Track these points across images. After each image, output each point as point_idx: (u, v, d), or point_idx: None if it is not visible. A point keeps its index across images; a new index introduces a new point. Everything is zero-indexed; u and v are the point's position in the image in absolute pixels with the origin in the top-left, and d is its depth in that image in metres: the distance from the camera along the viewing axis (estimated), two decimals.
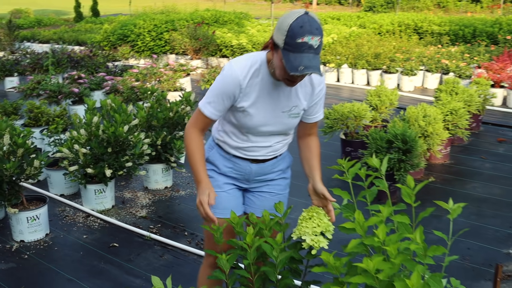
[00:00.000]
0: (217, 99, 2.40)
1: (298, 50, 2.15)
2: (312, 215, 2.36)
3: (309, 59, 2.15)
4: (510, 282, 3.72)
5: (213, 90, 2.42)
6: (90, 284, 3.81)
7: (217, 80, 2.41)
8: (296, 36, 2.13)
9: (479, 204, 5.06)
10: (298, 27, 2.13)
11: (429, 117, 5.55)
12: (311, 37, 2.14)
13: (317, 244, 2.30)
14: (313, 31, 2.14)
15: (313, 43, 2.15)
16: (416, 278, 2.14)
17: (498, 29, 13.44)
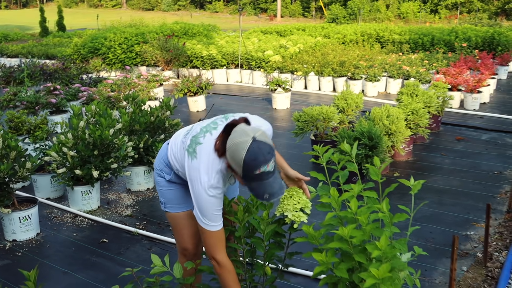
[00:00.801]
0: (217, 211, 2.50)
1: (258, 180, 2.32)
2: (292, 194, 2.70)
3: (270, 185, 2.35)
4: (467, 258, 4.14)
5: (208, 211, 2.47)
6: (85, 275, 4.08)
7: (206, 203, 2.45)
8: (253, 170, 2.28)
9: (440, 194, 5.51)
10: (252, 161, 2.27)
11: (392, 117, 5.99)
12: (266, 166, 2.29)
13: (298, 219, 2.65)
14: (266, 158, 2.28)
15: (269, 169, 2.31)
16: (384, 240, 2.51)
17: (454, 37, 14.16)
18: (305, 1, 58.18)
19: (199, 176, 2.44)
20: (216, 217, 2.49)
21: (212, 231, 2.51)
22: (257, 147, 2.28)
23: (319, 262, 2.66)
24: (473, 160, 6.62)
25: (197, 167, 2.46)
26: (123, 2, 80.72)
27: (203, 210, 2.47)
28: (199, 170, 2.44)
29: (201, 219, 2.50)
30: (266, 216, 2.68)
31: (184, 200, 2.87)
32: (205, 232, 2.53)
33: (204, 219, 2.49)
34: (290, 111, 9.55)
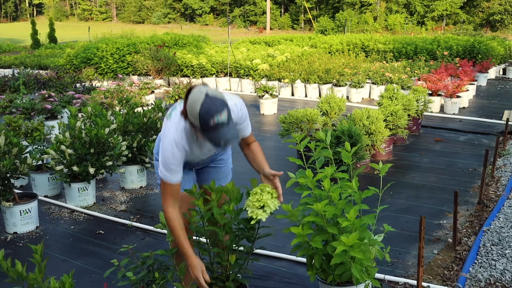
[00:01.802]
0: (175, 166, 2.83)
1: (213, 130, 2.61)
2: (257, 191, 2.88)
3: (225, 133, 2.62)
4: (439, 243, 4.48)
5: (168, 162, 2.80)
6: (83, 261, 4.36)
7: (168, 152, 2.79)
8: (208, 121, 2.58)
9: (417, 189, 5.86)
10: (206, 113, 2.57)
11: (372, 117, 6.35)
12: (219, 115, 2.58)
13: (255, 216, 2.83)
14: (218, 109, 2.58)
15: (223, 119, 2.59)
16: (353, 213, 2.86)
17: (436, 46, 14.63)
18: (294, 13, 58.96)
19: (168, 132, 2.83)
20: (173, 170, 2.82)
21: (167, 183, 2.85)
22: (210, 101, 2.60)
23: (297, 235, 2.99)
24: (450, 159, 6.98)
25: (169, 125, 2.86)
26: (113, 15, 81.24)
27: (165, 161, 2.81)
28: (169, 128, 2.84)
29: (162, 171, 2.84)
30: (229, 208, 2.90)
31: None
32: (162, 184, 2.89)
33: (164, 170, 2.83)
34: (277, 116, 9.90)
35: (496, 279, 3.68)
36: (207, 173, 3.39)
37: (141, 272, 3.02)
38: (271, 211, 2.82)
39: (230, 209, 2.84)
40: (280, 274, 4.01)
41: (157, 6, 71.20)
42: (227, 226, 2.89)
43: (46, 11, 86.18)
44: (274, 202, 2.82)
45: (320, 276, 3.16)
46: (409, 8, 49.85)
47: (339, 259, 2.85)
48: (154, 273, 3.00)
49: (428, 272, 3.95)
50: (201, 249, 3.03)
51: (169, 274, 3.03)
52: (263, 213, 2.78)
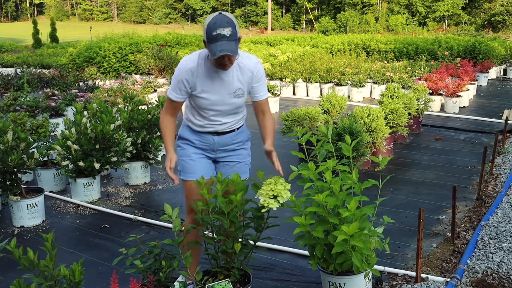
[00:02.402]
0: (178, 85, 3.13)
1: (214, 41, 2.87)
2: (271, 182, 3.03)
3: (222, 45, 2.86)
4: (438, 237, 4.57)
5: (174, 80, 3.15)
6: (90, 254, 4.46)
7: (176, 71, 3.14)
8: (211, 31, 2.87)
9: (417, 186, 5.95)
10: (212, 24, 2.88)
11: (372, 115, 6.44)
12: (222, 29, 2.86)
13: (267, 204, 2.96)
14: (224, 24, 2.87)
15: (225, 33, 2.86)
16: (353, 203, 2.95)
17: (437, 46, 14.73)
18: (296, 14, 59.09)
19: (182, 59, 3.18)
20: (175, 88, 3.16)
21: (168, 97, 3.23)
22: (220, 16, 2.92)
23: (299, 225, 3.09)
24: (450, 156, 7.08)
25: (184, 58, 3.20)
26: (114, 15, 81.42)
27: (173, 77, 3.17)
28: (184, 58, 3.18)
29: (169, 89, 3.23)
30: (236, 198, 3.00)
31: (194, 170, 3.30)
32: (166, 96, 3.29)
33: (170, 88, 3.20)
34: (278, 115, 9.99)
35: (493, 270, 3.77)
36: (224, 167, 3.45)
37: (148, 261, 3.12)
38: (283, 202, 2.91)
39: (237, 198, 2.94)
40: (282, 266, 4.10)
41: (158, 6, 71.37)
42: (232, 215, 2.99)
43: (47, 11, 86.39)
44: (287, 193, 2.95)
45: (322, 265, 3.26)
46: (411, 9, 49.96)
47: (340, 248, 2.95)
48: (161, 262, 3.10)
49: (427, 264, 4.05)
50: (206, 238, 3.13)
51: (175, 262, 3.12)
52: (274, 202, 2.90)
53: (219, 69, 3.07)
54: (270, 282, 3.85)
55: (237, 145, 3.45)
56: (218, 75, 3.12)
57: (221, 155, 3.42)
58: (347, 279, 3.22)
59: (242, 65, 3.17)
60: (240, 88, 3.20)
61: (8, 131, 4.89)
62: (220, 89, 3.15)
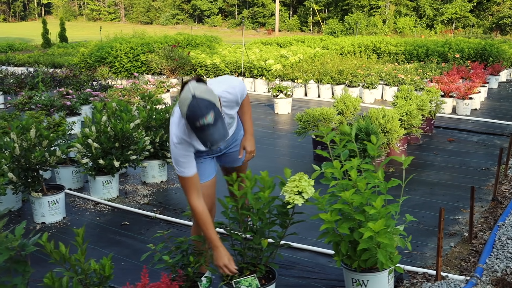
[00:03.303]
0: (184, 160, 2.99)
1: (200, 131, 2.71)
2: (295, 179, 3.10)
3: (211, 135, 2.70)
4: (455, 237, 4.62)
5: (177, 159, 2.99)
6: (111, 250, 4.52)
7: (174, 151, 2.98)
8: (194, 122, 2.68)
9: (431, 186, 5.99)
10: (192, 115, 2.66)
11: (387, 116, 6.49)
12: (204, 118, 2.65)
13: (292, 200, 3.04)
14: (203, 113, 2.65)
15: (209, 121, 2.67)
16: (379, 201, 3.00)
17: (448, 49, 14.76)
18: (303, 15, 59.13)
19: (171, 129, 3.01)
20: (183, 163, 2.99)
21: (182, 177, 3.03)
22: (196, 103, 2.66)
23: (325, 221, 3.15)
24: (463, 158, 7.12)
25: (171, 122, 3.04)
26: (121, 16, 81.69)
27: (173, 157, 3.01)
28: (171, 124, 3.02)
29: (175, 167, 3.04)
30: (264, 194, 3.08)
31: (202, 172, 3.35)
32: (179, 178, 3.07)
33: (176, 166, 3.02)
34: (291, 115, 10.07)
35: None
36: (227, 156, 3.57)
37: (176, 256, 3.18)
38: (307, 198, 2.99)
39: (265, 195, 3.00)
40: (303, 264, 4.16)
41: (166, 7, 71.53)
42: (260, 212, 3.05)
43: (54, 11, 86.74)
44: (311, 189, 3.01)
45: (345, 262, 3.31)
46: (418, 11, 49.91)
47: (365, 245, 3.00)
48: (188, 257, 3.16)
49: (445, 263, 4.10)
50: (233, 234, 3.19)
51: (202, 258, 3.18)
52: (299, 198, 2.96)
53: None
54: (291, 279, 3.91)
55: (238, 140, 3.58)
56: None
57: (226, 150, 3.55)
58: (370, 276, 3.28)
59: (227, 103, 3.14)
60: (231, 118, 3.24)
61: (31, 128, 4.97)
62: None
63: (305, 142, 7.57)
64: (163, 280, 2.88)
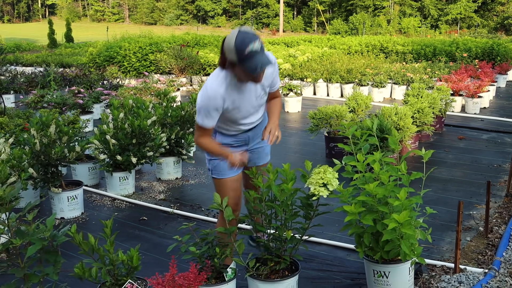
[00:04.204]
0: (211, 113, 3.13)
1: (249, 58, 2.87)
2: (320, 171, 3.17)
3: (259, 60, 2.88)
4: (470, 231, 4.67)
5: (205, 109, 3.12)
6: (130, 244, 4.58)
7: (204, 99, 3.10)
8: (243, 50, 2.85)
9: (444, 183, 6.05)
10: (241, 43, 2.85)
11: (400, 114, 6.55)
12: (252, 44, 2.85)
13: (317, 192, 3.10)
14: (251, 39, 2.86)
15: (256, 47, 2.87)
16: (403, 193, 3.06)
17: (455, 48, 14.80)
18: (307, 16, 59.18)
19: (207, 82, 3.15)
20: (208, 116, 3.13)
21: (202, 126, 3.19)
22: (243, 33, 2.90)
23: (348, 213, 3.21)
24: (474, 155, 7.16)
25: (208, 79, 3.20)
26: (126, 17, 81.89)
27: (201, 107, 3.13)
28: (210, 78, 3.19)
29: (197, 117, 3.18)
30: (287, 187, 3.14)
31: (226, 168, 3.41)
32: (196, 126, 3.25)
33: (199, 116, 3.16)
34: (301, 114, 10.14)
35: None
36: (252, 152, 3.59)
37: (202, 247, 3.25)
38: (332, 190, 3.04)
39: (288, 187, 3.06)
40: (322, 257, 4.22)
41: (170, 7, 71.67)
42: (284, 203, 3.11)
43: (58, 12, 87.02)
44: (336, 181, 3.05)
45: (368, 254, 3.37)
46: (423, 11, 49.92)
47: (389, 236, 3.06)
48: (214, 248, 3.23)
49: (463, 256, 4.15)
50: (258, 225, 3.25)
51: (228, 249, 3.25)
52: (324, 190, 3.00)
53: (251, 82, 3.12)
54: (311, 272, 3.97)
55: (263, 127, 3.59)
56: (244, 87, 3.19)
57: (253, 146, 3.56)
58: (392, 267, 3.33)
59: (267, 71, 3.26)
60: (263, 89, 3.30)
61: (51, 124, 5.05)
62: (247, 99, 3.24)
63: (316, 140, 7.62)
64: (191, 270, 2.94)
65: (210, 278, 3.14)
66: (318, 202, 3.20)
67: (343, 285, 3.79)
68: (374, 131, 3.57)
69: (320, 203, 3.25)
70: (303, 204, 3.26)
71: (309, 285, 3.79)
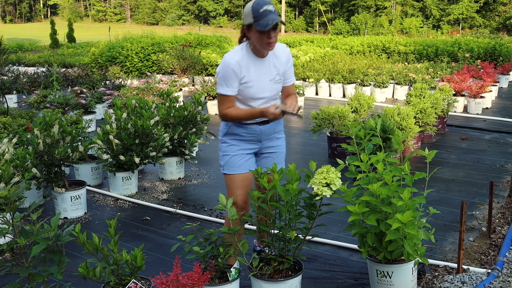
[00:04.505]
0: (230, 79, 3.32)
1: (264, 16, 3.16)
2: (323, 171, 3.17)
3: (272, 17, 3.16)
4: (473, 232, 4.67)
5: (223, 77, 3.34)
6: (134, 244, 4.57)
7: (222, 67, 3.35)
8: (258, 10, 3.17)
9: (447, 183, 6.05)
10: (256, 4, 3.19)
11: (402, 114, 6.55)
12: (268, 5, 3.17)
13: (320, 192, 3.11)
14: (266, 2, 3.20)
15: (271, 8, 3.18)
16: (406, 194, 3.06)
17: (457, 49, 14.80)
18: (309, 16, 59.18)
19: (228, 54, 3.38)
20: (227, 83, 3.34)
21: (220, 93, 3.38)
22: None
23: (352, 213, 3.21)
24: (477, 156, 7.16)
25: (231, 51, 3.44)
26: (127, 17, 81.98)
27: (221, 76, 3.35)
28: (231, 51, 3.43)
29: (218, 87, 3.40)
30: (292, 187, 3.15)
31: (237, 164, 3.47)
32: (218, 95, 3.43)
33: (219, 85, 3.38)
34: (303, 114, 10.13)
35: None
36: (266, 158, 3.63)
37: (206, 247, 3.26)
38: (335, 189, 3.05)
39: (293, 187, 3.07)
40: (325, 257, 4.23)
41: (171, 8, 71.72)
42: (289, 204, 3.12)
43: (60, 12, 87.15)
44: (339, 181, 3.05)
45: (371, 254, 3.38)
46: (425, 11, 49.90)
47: (392, 236, 3.07)
48: (218, 248, 3.23)
49: (465, 257, 4.15)
50: (262, 225, 3.26)
51: (232, 249, 3.25)
52: (328, 190, 3.00)
53: (265, 49, 3.32)
54: (315, 271, 3.98)
55: (278, 133, 3.66)
56: (259, 63, 3.39)
57: (265, 145, 3.60)
58: (395, 267, 3.34)
59: (277, 52, 3.47)
60: (278, 74, 3.47)
61: (54, 124, 5.06)
62: (262, 76, 3.40)
63: (318, 140, 7.63)
64: (195, 269, 2.95)
65: (213, 277, 3.15)
66: (322, 202, 3.20)
67: (346, 285, 3.79)
68: (378, 132, 3.57)
69: (323, 203, 3.26)
70: (306, 204, 3.26)
71: (313, 285, 3.79)
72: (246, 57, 3.34)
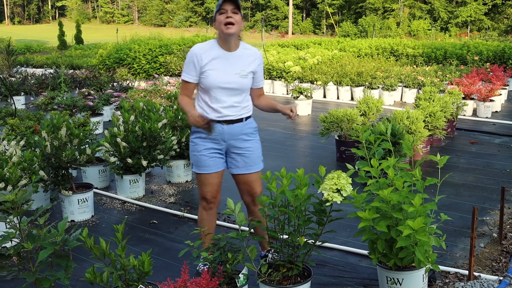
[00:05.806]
0: (189, 65, 3.50)
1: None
2: (334, 176, 3.14)
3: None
4: (484, 238, 4.61)
5: (186, 64, 3.52)
6: (141, 248, 4.56)
7: (187, 57, 3.53)
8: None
9: (457, 188, 5.99)
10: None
11: (412, 118, 6.49)
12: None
13: (331, 198, 3.07)
14: None
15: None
16: (418, 200, 3.01)
17: (466, 51, 14.71)
18: (316, 18, 59.14)
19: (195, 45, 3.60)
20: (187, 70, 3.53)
21: (183, 79, 3.58)
22: None
23: (362, 219, 3.16)
24: (487, 160, 7.09)
25: None
26: (135, 18, 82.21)
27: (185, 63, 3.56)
28: None
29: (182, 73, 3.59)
30: (301, 192, 3.11)
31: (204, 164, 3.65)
32: (181, 81, 3.61)
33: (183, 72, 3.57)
34: (311, 117, 10.09)
35: None
36: (235, 160, 3.72)
37: (215, 253, 3.22)
38: (346, 195, 3.00)
39: (302, 192, 3.03)
40: (333, 263, 4.18)
41: (179, 9, 71.84)
42: (298, 209, 3.08)
43: (68, 14, 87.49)
44: (350, 187, 3.01)
45: (381, 260, 3.33)
46: (433, 14, 49.73)
47: (403, 243, 3.02)
48: (227, 254, 3.19)
49: (476, 263, 4.10)
50: (271, 231, 3.22)
51: (240, 255, 3.21)
52: (338, 196, 2.96)
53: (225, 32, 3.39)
54: (324, 277, 3.93)
55: (246, 136, 3.71)
56: (226, 56, 3.51)
57: (232, 145, 3.67)
58: (405, 275, 3.29)
59: (247, 50, 3.62)
60: (244, 69, 3.56)
61: (62, 127, 5.04)
62: (228, 69, 3.51)
63: (326, 143, 7.59)
64: (203, 276, 2.91)
65: (222, 283, 3.11)
66: (332, 208, 3.16)
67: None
68: (388, 136, 3.53)
69: (333, 209, 3.22)
70: (316, 210, 3.22)
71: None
72: (214, 49, 3.49)
